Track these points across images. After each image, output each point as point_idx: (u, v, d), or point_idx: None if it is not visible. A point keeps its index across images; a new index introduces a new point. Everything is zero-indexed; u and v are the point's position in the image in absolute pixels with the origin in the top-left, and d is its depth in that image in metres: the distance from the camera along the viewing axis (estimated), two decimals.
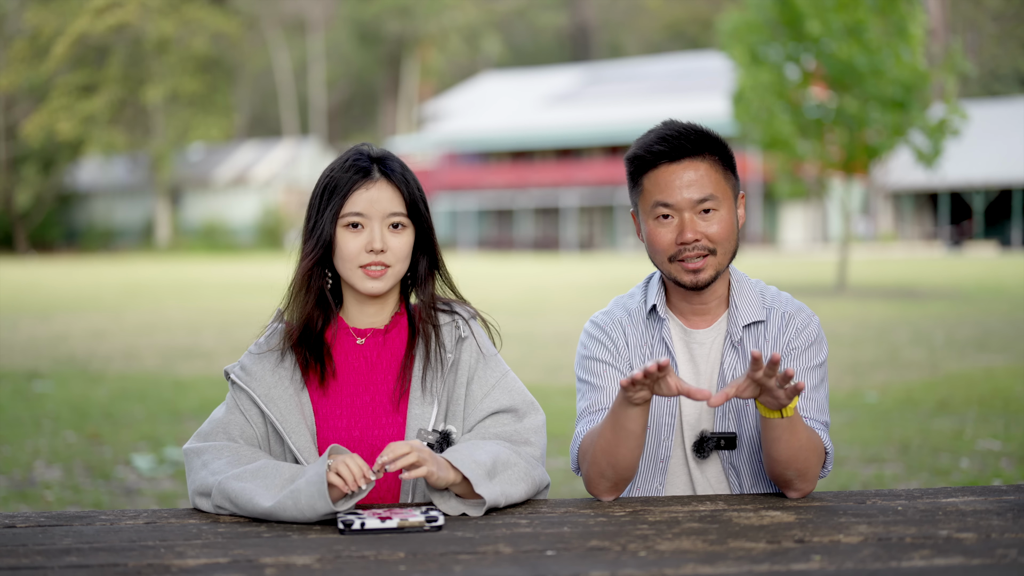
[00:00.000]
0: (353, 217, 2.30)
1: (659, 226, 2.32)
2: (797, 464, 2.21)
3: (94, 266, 37.12)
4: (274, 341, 2.36)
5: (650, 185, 2.33)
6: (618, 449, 2.23)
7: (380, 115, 67.07)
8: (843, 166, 21.34)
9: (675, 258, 2.32)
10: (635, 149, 2.36)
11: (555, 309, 17.20)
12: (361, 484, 2.05)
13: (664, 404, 2.39)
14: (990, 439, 6.79)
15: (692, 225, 2.29)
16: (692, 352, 2.42)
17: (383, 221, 2.30)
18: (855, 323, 14.51)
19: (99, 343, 12.92)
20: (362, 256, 2.29)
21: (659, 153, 2.31)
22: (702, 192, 2.29)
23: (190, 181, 54.55)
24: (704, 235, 2.30)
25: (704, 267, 2.31)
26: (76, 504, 5.46)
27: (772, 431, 2.19)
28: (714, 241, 2.30)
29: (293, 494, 2.06)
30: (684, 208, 2.30)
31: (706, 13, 56.78)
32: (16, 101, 50.16)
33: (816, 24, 19.65)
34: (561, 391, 8.41)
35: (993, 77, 51.79)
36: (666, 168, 2.31)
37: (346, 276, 2.33)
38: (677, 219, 2.31)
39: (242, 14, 57.67)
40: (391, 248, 2.30)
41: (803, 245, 44.02)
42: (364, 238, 2.29)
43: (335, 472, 2.06)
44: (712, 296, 2.40)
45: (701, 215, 2.30)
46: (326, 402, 2.34)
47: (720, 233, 2.31)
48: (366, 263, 2.30)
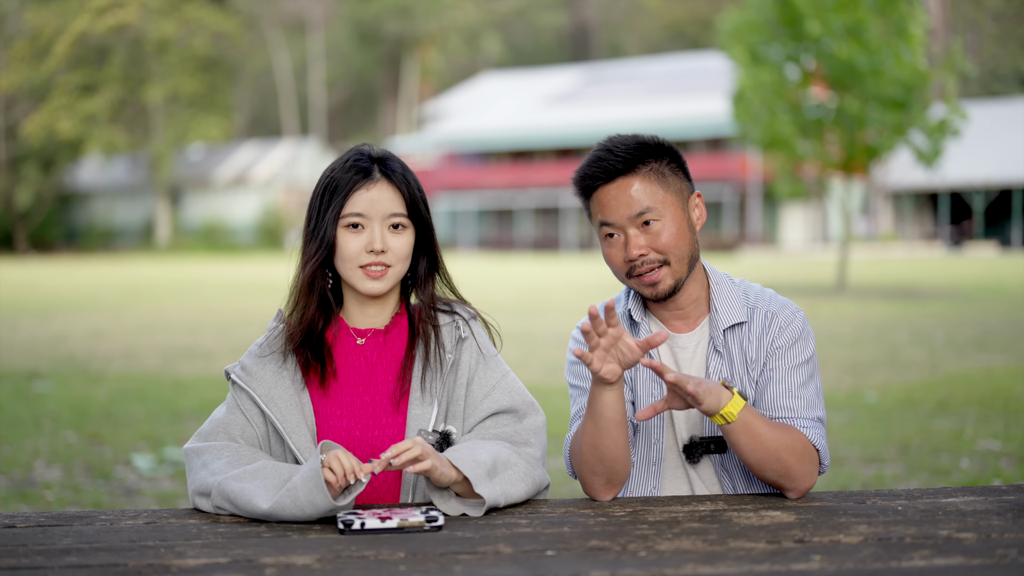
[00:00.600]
0: (354, 217, 2.29)
1: (609, 246, 2.36)
2: (772, 465, 2.21)
3: (94, 266, 37.12)
4: (276, 342, 2.36)
5: (593, 207, 2.38)
6: (602, 440, 2.23)
7: (380, 115, 67.07)
8: (843, 166, 21.34)
9: (631, 274, 2.34)
10: (575, 174, 2.41)
11: (555, 309, 17.20)
12: (350, 478, 2.05)
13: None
14: (990, 439, 6.79)
15: (635, 240, 2.31)
16: (676, 357, 2.42)
17: (383, 221, 2.30)
18: (855, 323, 14.51)
19: (99, 343, 12.92)
20: (362, 256, 2.29)
21: (593, 176, 2.35)
22: (639, 207, 2.31)
23: (190, 181, 54.54)
24: (650, 247, 2.32)
25: (660, 279, 2.33)
26: (76, 504, 5.45)
27: (729, 436, 2.21)
28: (663, 251, 2.32)
29: (291, 492, 2.06)
30: (625, 225, 2.32)
31: (706, 13, 56.77)
32: (16, 101, 50.14)
33: (816, 24, 19.65)
34: (561, 391, 8.41)
35: (993, 77, 51.78)
36: (603, 189, 2.35)
37: (346, 276, 2.33)
38: (622, 236, 2.34)
39: (242, 14, 57.67)
40: (391, 248, 2.30)
41: (803, 245, 44.01)
42: (364, 238, 2.29)
43: (328, 467, 2.06)
44: (686, 301, 2.41)
45: (642, 228, 2.32)
46: (326, 402, 2.34)
47: (668, 242, 2.32)
48: (366, 263, 2.30)
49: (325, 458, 2.07)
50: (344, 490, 2.09)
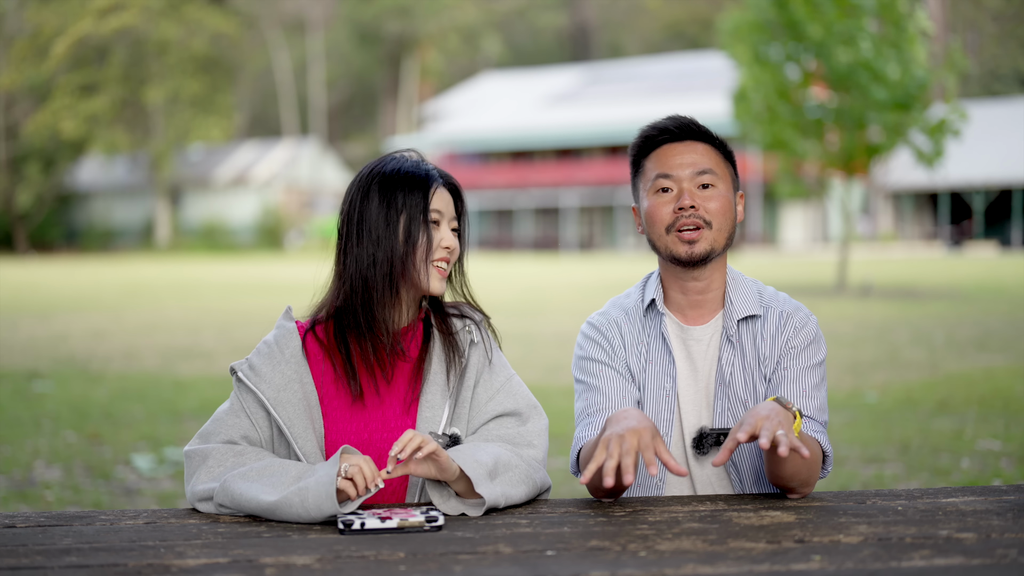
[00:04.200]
0: (435, 214, 2.32)
1: (658, 198, 2.38)
2: (801, 476, 2.22)
3: (94, 266, 37.12)
4: (290, 341, 2.33)
5: (651, 164, 2.40)
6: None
7: (380, 115, 67.08)
8: (843, 166, 21.34)
9: (672, 228, 2.35)
10: (642, 131, 2.44)
11: (555, 309, 17.20)
12: (371, 488, 2.06)
13: (663, 400, 2.40)
14: (990, 439, 6.79)
15: (691, 193, 2.35)
16: (689, 349, 2.42)
17: (449, 223, 2.35)
18: (855, 323, 14.51)
19: (99, 343, 12.92)
20: (439, 252, 2.32)
21: (664, 130, 2.40)
22: (703, 165, 2.36)
23: (190, 181, 54.55)
24: (702, 206, 2.34)
25: (699, 239, 2.34)
26: (76, 504, 5.45)
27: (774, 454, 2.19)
28: (710, 214, 2.35)
29: (301, 492, 2.04)
30: (684, 179, 2.36)
31: (706, 13, 56.79)
32: (16, 101, 50.16)
33: (816, 29, 19.66)
34: (561, 391, 8.41)
35: (993, 77, 51.80)
36: (668, 147, 2.40)
37: (419, 273, 2.32)
38: (676, 190, 2.36)
39: (242, 14, 57.68)
40: (454, 248, 2.35)
41: (803, 245, 44.02)
42: (437, 237, 2.33)
43: (348, 477, 2.05)
44: (709, 285, 2.41)
45: (700, 189, 2.36)
46: (337, 404, 2.32)
47: (717, 209, 2.35)
48: (438, 258, 2.32)
49: (347, 468, 2.06)
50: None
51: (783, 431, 2.03)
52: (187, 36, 50.49)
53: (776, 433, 2.02)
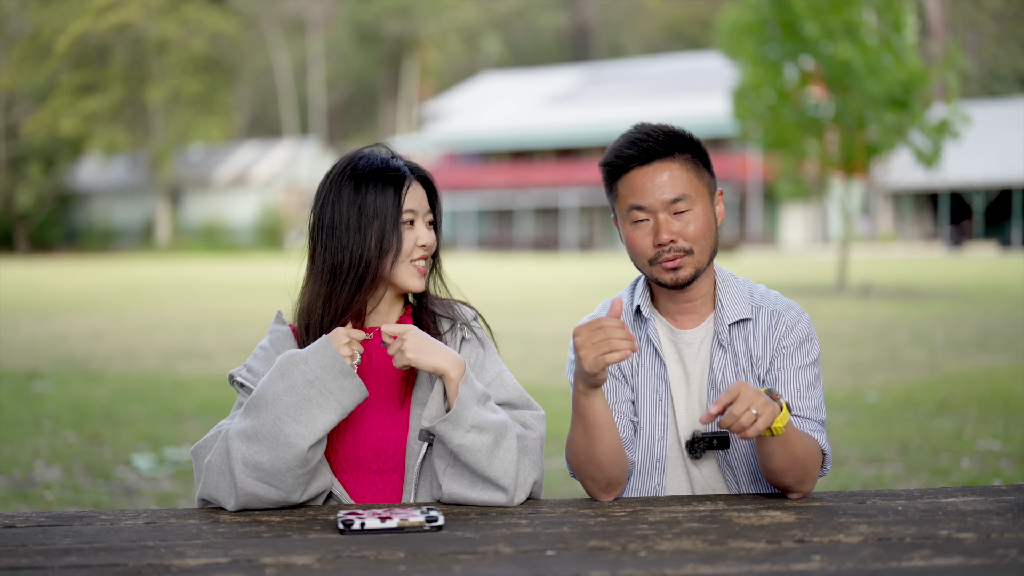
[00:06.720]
0: (409, 214, 2.31)
1: (636, 230, 2.34)
2: (795, 472, 2.21)
3: (94, 266, 37.12)
4: (285, 343, 2.33)
5: (624, 190, 2.35)
6: (594, 447, 2.24)
7: (380, 115, 67.09)
8: (843, 166, 21.34)
9: (655, 260, 2.33)
10: (607, 155, 2.38)
11: (555, 309, 17.20)
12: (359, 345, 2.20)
13: (656, 404, 2.40)
14: (990, 439, 6.79)
15: (667, 226, 2.30)
16: (680, 352, 2.42)
17: (424, 218, 2.35)
18: (855, 323, 14.51)
19: (99, 343, 12.92)
20: (415, 251, 2.32)
21: (629, 157, 2.33)
22: (674, 192, 2.30)
23: (190, 181, 54.55)
24: (679, 235, 2.31)
25: (682, 265, 2.31)
26: (76, 504, 5.45)
27: (765, 446, 2.19)
28: (690, 240, 2.31)
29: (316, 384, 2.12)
30: (658, 209, 2.31)
31: (706, 13, 56.79)
32: (17, 100, 50.17)
33: (813, 26, 19.65)
34: (561, 391, 8.41)
35: (993, 77, 51.81)
36: (637, 171, 2.33)
37: (396, 272, 2.31)
38: (652, 221, 2.32)
39: (242, 14, 57.68)
40: (430, 245, 2.35)
41: (803, 245, 44.02)
42: (413, 236, 2.32)
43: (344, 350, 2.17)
44: (697, 294, 2.40)
45: (675, 216, 2.31)
46: None
47: (696, 232, 2.32)
48: (416, 258, 2.32)
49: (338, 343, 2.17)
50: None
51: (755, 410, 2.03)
52: (187, 36, 50.49)
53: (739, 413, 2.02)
